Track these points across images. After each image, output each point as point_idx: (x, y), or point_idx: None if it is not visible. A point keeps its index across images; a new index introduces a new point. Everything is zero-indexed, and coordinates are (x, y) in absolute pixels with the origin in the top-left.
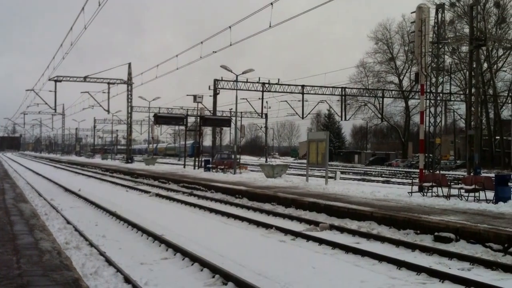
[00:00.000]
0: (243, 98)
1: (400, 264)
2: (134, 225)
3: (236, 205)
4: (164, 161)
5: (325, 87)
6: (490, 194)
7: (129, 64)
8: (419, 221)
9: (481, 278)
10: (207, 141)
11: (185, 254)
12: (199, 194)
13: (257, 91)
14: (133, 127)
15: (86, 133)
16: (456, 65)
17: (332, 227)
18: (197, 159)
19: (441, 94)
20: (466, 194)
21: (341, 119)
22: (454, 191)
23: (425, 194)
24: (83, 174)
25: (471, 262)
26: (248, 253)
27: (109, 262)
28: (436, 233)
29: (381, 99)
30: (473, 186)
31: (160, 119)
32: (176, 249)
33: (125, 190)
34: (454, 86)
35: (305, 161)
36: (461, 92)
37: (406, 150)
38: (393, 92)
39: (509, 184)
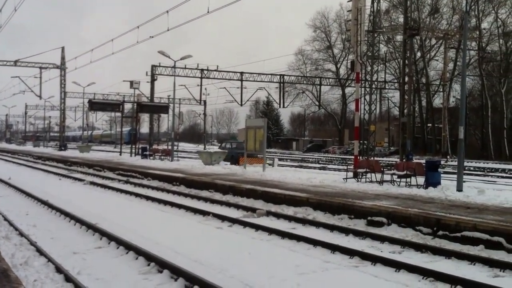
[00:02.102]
0: (182, 85)
1: (334, 248)
2: (67, 214)
3: (174, 192)
4: (99, 148)
5: (264, 74)
6: (421, 180)
7: (62, 48)
8: (353, 206)
9: (411, 260)
10: (145, 128)
11: (119, 242)
12: (135, 182)
13: (196, 77)
14: (67, 114)
15: (17, 120)
16: (391, 54)
17: (269, 213)
18: (134, 146)
19: (376, 82)
20: (398, 180)
21: (280, 106)
22: (387, 177)
23: (359, 180)
24: (13, 162)
25: (402, 245)
26: (185, 240)
27: (40, 251)
28: (369, 218)
29: (318, 86)
30: (405, 172)
31: (95, 105)
32: (111, 237)
33: (58, 179)
34: (388, 74)
35: (244, 148)
36: (395, 81)
37: (343, 137)
38: (330, 80)
39: (439, 170)
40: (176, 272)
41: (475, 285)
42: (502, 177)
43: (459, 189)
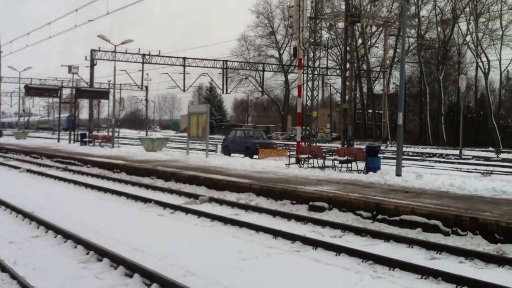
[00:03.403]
0: (123, 70)
1: (276, 233)
2: (2, 203)
3: (114, 179)
4: (36, 135)
5: (207, 59)
6: (362, 165)
7: None
8: (295, 191)
9: (351, 244)
10: (84, 114)
11: (57, 231)
12: (74, 169)
13: (137, 62)
14: (3, 99)
15: None
16: (333, 40)
17: (211, 199)
18: (72, 132)
19: (318, 69)
20: (340, 165)
21: (223, 92)
22: (329, 163)
23: (301, 165)
24: None
25: (342, 229)
26: (125, 228)
27: None
28: (311, 203)
29: (261, 72)
30: (346, 158)
31: (32, 90)
32: (48, 226)
33: None
34: (330, 61)
35: (186, 134)
36: (337, 67)
37: (286, 123)
38: (274, 66)
39: (379, 155)
40: (116, 260)
41: (412, 267)
42: (440, 161)
43: (398, 173)
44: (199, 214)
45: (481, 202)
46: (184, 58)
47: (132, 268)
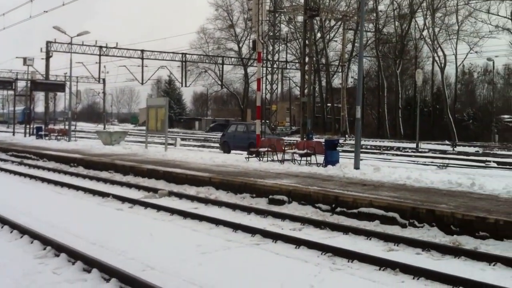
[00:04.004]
0: (79, 62)
1: (236, 227)
2: None
3: (71, 174)
4: None
5: (165, 52)
6: (321, 158)
7: None
8: (255, 185)
9: (310, 237)
10: (40, 107)
11: (13, 226)
12: (30, 163)
13: (94, 55)
14: None
15: None
16: (292, 34)
17: (171, 193)
18: (28, 126)
19: (277, 62)
20: (299, 159)
21: (182, 86)
22: (288, 156)
23: (261, 159)
24: None
25: (302, 222)
26: (84, 223)
27: None
28: (270, 196)
29: (221, 66)
30: (305, 151)
31: None
32: (3, 221)
33: None
34: (290, 54)
35: (145, 128)
36: (297, 61)
37: (245, 117)
38: (233, 59)
39: (338, 148)
40: (74, 255)
41: (371, 259)
42: (397, 155)
43: (357, 167)
44: (158, 208)
45: (437, 194)
46: (142, 51)
47: (90, 263)
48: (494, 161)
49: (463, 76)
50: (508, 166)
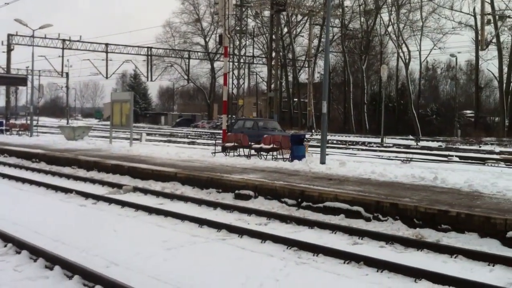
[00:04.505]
0: (42, 56)
1: (202, 222)
2: None
3: (33, 169)
4: None
5: (130, 46)
6: (287, 153)
7: None
8: (221, 180)
9: (276, 231)
10: (1, 102)
11: None
12: None
13: (57, 48)
14: None
15: None
16: (259, 29)
17: (136, 189)
18: None
19: (244, 57)
20: (265, 153)
21: (147, 80)
22: (255, 151)
23: (227, 154)
24: None
25: (268, 217)
26: (45, 219)
27: None
28: (236, 191)
29: (187, 60)
30: (271, 146)
31: None
32: None
33: None
34: (257, 49)
35: (109, 122)
36: (264, 56)
37: (212, 112)
38: (199, 53)
39: (304, 143)
40: (36, 252)
41: (335, 253)
42: (362, 149)
43: (323, 161)
44: (123, 204)
45: (401, 188)
46: (107, 44)
47: (52, 260)
48: (456, 156)
49: (427, 72)
50: (469, 160)
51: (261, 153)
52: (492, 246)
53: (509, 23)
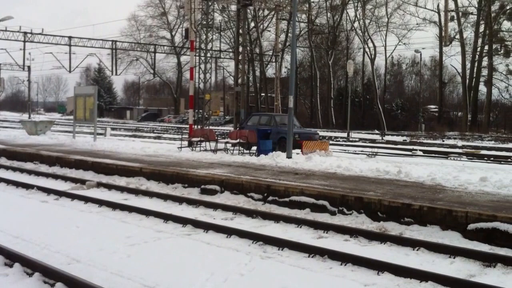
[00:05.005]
0: (2, 49)
1: (167, 217)
2: None
3: None
4: None
5: (94, 39)
6: (254, 148)
7: None
8: (187, 175)
9: (242, 226)
10: None
11: None
12: None
13: (18, 41)
14: None
15: None
16: (226, 23)
17: (99, 184)
18: None
19: (211, 51)
20: (232, 148)
21: (112, 74)
22: (221, 146)
23: (194, 149)
24: None
25: (234, 211)
26: (6, 216)
27: None
28: (203, 186)
29: (153, 54)
30: (238, 140)
31: None
32: None
33: None
34: (224, 43)
35: (73, 117)
36: (230, 50)
37: (178, 106)
38: (165, 47)
39: (270, 138)
40: None
41: (300, 247)
42: (329, 144)
43: (289, 156)
44: (86, 199)
45: (366, 182)
46: (70, 37)
47: (12, 257)
48: (420, 150)
49: (392, 67)
50: (433, 155)
51: (228, 148)
52: (453, 238)
53: (472, 19)
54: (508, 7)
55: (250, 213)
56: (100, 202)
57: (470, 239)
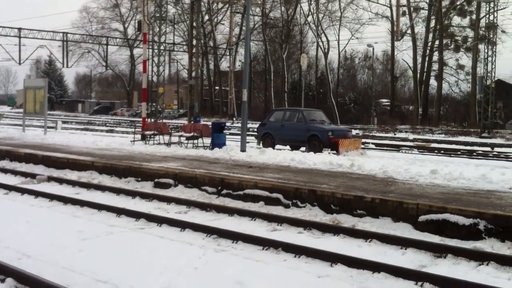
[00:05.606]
0: None
1: (119, 211)
2: None
3: None
4: None
5: (44, 31)
6: (208, 141)
7: None
8: (140, 168)
9: (196, 219)
10: None
11: None
12: None
13: None
14: None
15: None
16: (180, 16)
17: (50, 178)
18: None
19: (164, 44)
20: (186, 142)
21: (63, 66)
22: (175, 139)
23: (147, 142)
24: None
25: (188, 205)
26: None
27: None
28: (156, 180)
29: (105, 46)
30: (192, 134)
31: None
32: None
33: None
34: (177, 36)
35: (22, 110)
36: (184, 43)
37: (132, 99)
38: (118, 40)
39: (225, 131)
40: None
41: (254, 239)
42: None
43: (243, 149)
44: (37, 194)
45: (319, 175)
46: (20, 29)
47: None
48: (372, 143)
49: (346, 62)
50: (385, 148)
51: (182, 141)
52: (404, 230)
53: (423, 14)
54: (458, 3)
55: (204, 207)
56: (51, 197)
57: (421, 231)
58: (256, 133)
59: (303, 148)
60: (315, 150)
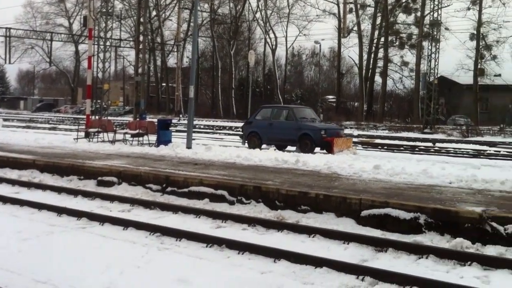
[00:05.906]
0: None
1: (60, 210)
2: None
3: None
4: None
5: None
6: (154, 138)
7: None
8: (83, 167)
9: (140, 218)
10: None
11: None
12: None
13: None
14: None
15: None
16: (126, 11)
17: None
18: None
19: (110, 40)
20: (131, 139)
21: (5, 62)
22: (120, 136)
23: (91, 140)
24: None
25: (131, 203)
26: None
27: None
28: (99, 178)
29: (49, 42)
30: (137, 131)
31: None
32: None
33: None
34: (124, 32)
35: None
36: (131, 39)
37: (76, 96)
38: (63, 35)
39: (171, 128)
40: None
41: (198, 237)
42: (229, 134)
43: (189, 146)
44: None
45: (264, 171)
46: None
47: None
48: None
49: (293, 58)
50: None
51: (127, 138)
52: (347, 225)
53: (369, 11)
54: (403, 0)
55: (148, 205)
56: None
57: (364, 225)
58: (241, 132)
59: (293, 148)
60: (306, 150)
